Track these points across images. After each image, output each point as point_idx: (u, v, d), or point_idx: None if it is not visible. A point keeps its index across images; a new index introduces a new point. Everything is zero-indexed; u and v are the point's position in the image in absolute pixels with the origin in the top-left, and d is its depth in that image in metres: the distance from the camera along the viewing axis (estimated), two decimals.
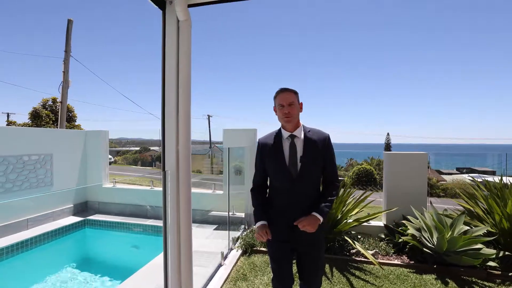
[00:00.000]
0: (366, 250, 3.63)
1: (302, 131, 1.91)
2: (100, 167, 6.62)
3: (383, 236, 4.12)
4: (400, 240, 3.79)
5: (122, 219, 5.78)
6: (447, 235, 3.32)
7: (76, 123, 19.21)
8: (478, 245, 3.29)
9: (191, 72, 2.21)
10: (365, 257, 3.57)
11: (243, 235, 4.27)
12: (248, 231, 4.52)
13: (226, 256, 3.68)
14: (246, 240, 4.01)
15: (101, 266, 4.91)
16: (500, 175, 4.08)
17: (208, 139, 39.23)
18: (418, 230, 3.68)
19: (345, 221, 3.92)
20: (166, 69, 2.16)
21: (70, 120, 18.31)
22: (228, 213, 4.39)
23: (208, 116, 39.63)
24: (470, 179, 4.29)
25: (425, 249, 3.45)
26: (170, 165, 2.16)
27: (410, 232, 3.68)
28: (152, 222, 5.63)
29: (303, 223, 1.74)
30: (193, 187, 2.32)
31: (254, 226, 1.96)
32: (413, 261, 3.51)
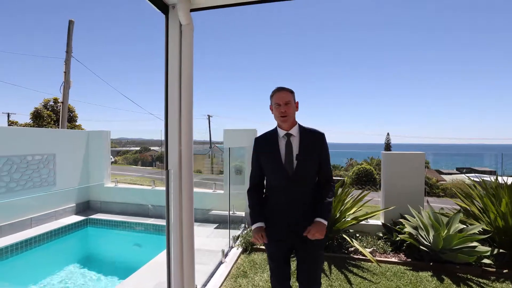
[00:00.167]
0: (364, 248, 3.70)
1: (298, 130, 1.92)
2: (102, 167, 6.70)
3: (381, 234, 4.19)
4: (397, 239, 3.86)
5: (123, 218, 5.85)
6: (443, 233, 3.39)
7: (77, 123, 19.30)
8: (473, 243, 3.36)
9: (193, 74, 2.29)
10: (363, 255, 3.64)
11: (243, 233, 4.34)
12: (248, 229, 4.60)
13: (227, 254, 3.75)
14: (246, 238, 4.08)
15: (103, 264, 4.98)
16: (496, 175, 4.15)
17: (208, 139, 39.30)
18: (415, 229, 3.75)
19: (343, 220, 3.98)
20: (169, 72, 2.23)
21: (71, 120, 18.39)
22: (228, 212, 4.46)
23: (208, 116, 39.69)
24: (474, 179, 4.36)
25: (421, 247, 3.52)
26: (173, 164, 2.23)
27: (407, 231, 3.76)
28: (154, 221, 5.71)
29: (312, 232, 1.73)
30: (194, 186, 2.39)
31: (251, 227, 1.96)
32: (410, 259, 3.58)
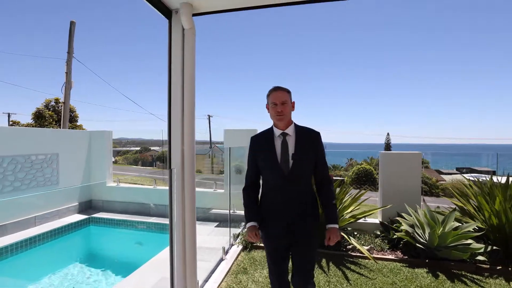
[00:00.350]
0: (361, 245, 3.79)
1: (294, 129, 1.94)
2: (104, 167, 6.79)
3: (378, 232, 4.28)
4: (394, 237, 3.94)
5: (125, 217, 5.94)
6: (438, 231, 3.47)
7: (78, 123, 19.41)
8: (468, 240, 3.45)
9: (195, 77, 2.38)
10: (361, 252, 3.72)
11: (243, 231, 4.42)
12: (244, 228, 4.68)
13: (227, 251, 3.84)
14: (246, 236, 4.16)
15: (105, 262, 5.06)
16: (495, 175, 4.24)
17: (208, 139, 39.38)
18: (412, 227, 3.83)
19: (341, 218, 4.07)
20: (172, 74, 2.32)
21: (72, 120, 18.49)
22: (229, 211, 4.55)
23: (209, 116, 39.78)
24: (473, 179, 4.45)
25: (417, 245, 3.60)
26: (176, 163, 2.32)
27: (403, 229, 3.84)
28: (155, 220, 5.80)
29: (332, 239, 1.84)
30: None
31: (246, 226, 2.01)
32: (406, 256, 3.66)
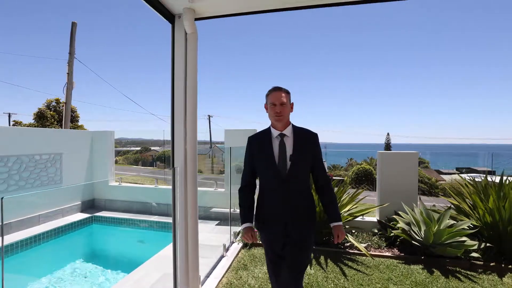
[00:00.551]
0: (359, 243, 3.88)
1: (292, 130, 1.94)
2: (106, 167, 6.89)
3: (376, 230, 4.37)
4: (391, 234, 4.03)
5: (127, 215, 6.04)
6: (433, 228, 3.57)
7: (79, 124, 19.52)
8: (463, 238, 3.53)
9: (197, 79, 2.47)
10: (358, 249, 3.81)
11: (242, 230, 4.51)
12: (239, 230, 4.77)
13: (228, 249, 3.93)
14: (242, 237, 4.24)
15: (108, 259, 5.16)
16: (485, 174, 4.33)
17: (209, 139, 39.48)
18: (408, 224, 3.92)
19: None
20: (175, 77, 2.41)
21: (73, 120, 18.61)
22: (229, 209, 4.64)
23: (209, 116, 39.91)
24: (469, 178, 4.54)
25: (414, 242, 3.69)
26: (179, 162, 2.41)
27: (400, 226, 3.93)
28: (157, 218, 5.89)
29: (339, 236, 1.92)
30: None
31: (241, 227, 2.02)
32: (403, 253, 3.75)
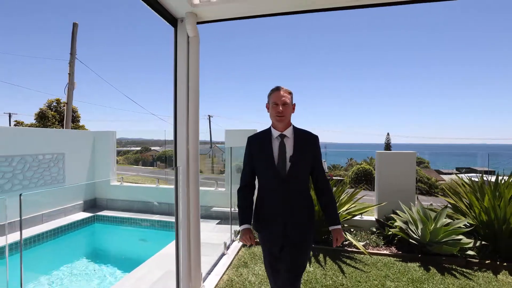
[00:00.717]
0: (357, 241, 3.95)
1: (292, 131, 1.92)
2: (108, 166, 6.97)
3: (374, 229, 4.44)
4: (389, 233, 4.10)
5: (129, 214, 6.11)
6: (430, 226, 3.64)
7: (80, 124, 19.60)
8: (459, 236, 3.60)
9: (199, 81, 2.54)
10: (357, 247, 3.88)
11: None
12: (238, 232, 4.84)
13: (229, 247, 4.00)
14: (240, 239, 4.30)
15: (110, 258, 5.22)
16: (481, 174, 4.39)
17: (209, 139, 39.58)
18: (405, 223, 3.99)
19: (338, 214, 4.22)
20: (178, 79, 2.49)
21: (74, 120, 18.68)
22: (230, 208, 4.71)
23: (209, 116, 40.00)
24: (467, 178, 4.60)
25: (411, 240, 3.76)
26: (181, 161, 2.49)
27: (398, 225, 4.00)
28: (158, 217, 5.97)
29: (338, 239, 1.93)
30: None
31: (240, 228, 2.00)
32: (400, 252, 3.82)
